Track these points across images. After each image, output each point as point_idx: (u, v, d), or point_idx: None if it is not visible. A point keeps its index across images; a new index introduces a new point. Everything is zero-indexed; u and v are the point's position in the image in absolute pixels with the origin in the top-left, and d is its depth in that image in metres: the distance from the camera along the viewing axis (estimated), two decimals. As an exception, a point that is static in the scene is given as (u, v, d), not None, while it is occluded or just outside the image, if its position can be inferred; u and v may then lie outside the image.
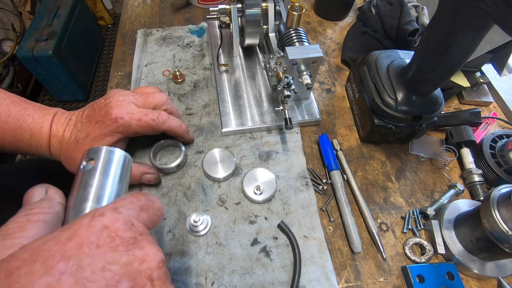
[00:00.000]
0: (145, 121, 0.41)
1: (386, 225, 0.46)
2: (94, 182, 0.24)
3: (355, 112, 0.55)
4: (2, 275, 0.17)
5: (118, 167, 0.26)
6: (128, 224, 0.21)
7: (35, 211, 0.22)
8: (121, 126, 0.39)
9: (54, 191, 0.25)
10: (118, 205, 0.22)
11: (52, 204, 0.24)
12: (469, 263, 0.41)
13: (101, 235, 0.19)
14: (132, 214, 0.22)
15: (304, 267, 0.41)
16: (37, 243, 0.19)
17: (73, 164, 0.40)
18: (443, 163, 0.51)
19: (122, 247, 0.20)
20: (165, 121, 0.43)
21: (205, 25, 0.68)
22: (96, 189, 0.24)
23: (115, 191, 0.25)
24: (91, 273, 0.18)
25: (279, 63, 0.49)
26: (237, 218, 0.44)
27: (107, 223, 0.20)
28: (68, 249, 0.18)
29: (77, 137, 0.39)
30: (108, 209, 0.21)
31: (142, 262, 0.20)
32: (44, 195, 0.24)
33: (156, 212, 0.24)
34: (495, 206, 0.37)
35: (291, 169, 0.49)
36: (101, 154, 0.25)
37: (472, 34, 0.35)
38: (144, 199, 0.24)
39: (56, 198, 0.24)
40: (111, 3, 2.03)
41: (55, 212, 0.23)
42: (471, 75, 0.60)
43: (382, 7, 0.63)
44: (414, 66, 0.43)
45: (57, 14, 1.48)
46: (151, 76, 0.59)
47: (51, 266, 0.18)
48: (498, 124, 0.57)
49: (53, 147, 0.40)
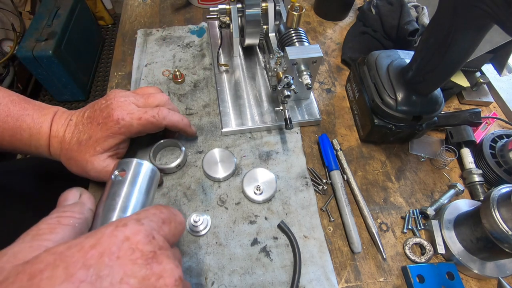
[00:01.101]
0: (145, 119, 0.41)
1: (386, 225, 0.46)
2: (122, 193, 0.26)
3: (355, 112, 0.55)
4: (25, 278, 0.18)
5: (145, 179, 0.27)
6: (149, 237, 0.21)
7: (67, 214, 0.23)
8: (123, 127, 0.39)
9: (87, 196, 0.26)
10: (141, 217, 0.22)
11: (83, 210, 0.24)
12: (469, 263, 0.41)
13: (122, 246, 0.20)
14: (154, 226, 0.22)
15: (304, 267, 0.41)
16: (62, 248, 0.19)
17: (75, 165, 0.40)
18: (443, 163, 0.51)
19: (141, 260, 0.20)
20: (165, 116, 0.42)
21: (205, 25, 0.68)
22: (124, 199, 0.25)
23: (140, 202, 0.26)
24: (109, 284, 0.18)
25: (279, 63, 0.49)
26: (237, 218, 0.44)
27: (129, 234, 0.20)
28: (89, 257, 0.19)
29: (79, 138, 0.39)
30: (131, 219, 0.21)
31: (159, 278, 0.20)
32: (78, 198, 0.25)
33: (178, 226, 0.24)
34: (495, 206, 0.37)
35: (291, 169, 0.49)
36: (131, 166, 0.27)
37: (472, 34, 0.35)
38: (167, 211, 0.24)
39: (88, 204, 0.25)
40: (111, 3, 2.03)
41: (85, 217, 0.24)
42: (471, 75, 0.60)
43: (382, 7, 0.63)
44: (414, 66, 0.43)
45: (57, 14, 1.48)
46: (151, 76, 0.59)
47: (72, 273, 0.18)
48: (498, 124, 0.57)
49: (53, 147, 0.40)
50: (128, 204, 0.25)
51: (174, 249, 0.24)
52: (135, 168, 0.27)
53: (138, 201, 0.26)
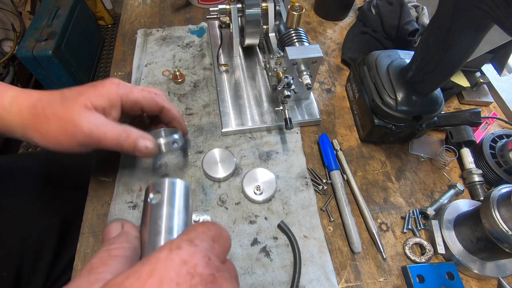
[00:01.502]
0: (148, 91, 0.38)
1: (386, 225, 0.46)
2: (163, 215, 0.25)
3: (355, 112, 0.55)
4: None
5: (181, 197, 0.27)
6: (205, 259, 0.20)
7: (115, 246, 0.23)
8: (122, 88, 0.36)
9: (130, 225, 0.26)
10: (192, 237, 0.21)
11: (130, 239, 0.24)
12: (469, 263, 0.41)
13: (181, 272, 0.19)
14: (207, 247, 0.21)
15: (304, 267, 0.41)
16: (119, 279, 0.19)
17: (54, 127, 0.33)
18: (443, 163, 0.51)
19: (201, 286, 0.19)
20: (165, 99, 0.41)
21: (205, 25, 0.68)
22: (167, 221, 0.25)
23: (183, 221, 0.26)
24: None
25: (279, 63, 0.49)
26: (237, 218, 0.44)
27: (185, 258, 0.20)
28: (149, 286, 0.18)
29: (64, 94, 0.34)
30: (183, 241, 0.21)
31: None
32: (121, 229, 0.25)
33: (226, 243, 0.23)
34: (495, 206, 0.37)
35: (291, 169, 0.49)
36: (164, 186, 0.27)
37: (472, 34, 0.35)
38: (214, 228, 0.23)
39: (133, 232, 0.25)
40: (111, 3, 2.03)
41: (134, 246, 0.24)
42: (471, 75, 0.60)
43: (382, 7, 0.63)
44: (414, 66, 0.43)
45: (57, 14, 1.48)
46: (151, 76, 0.59)
47: None
48: (498, 124, 0.57)
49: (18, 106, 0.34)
50: (172, 225, 0.25)
51: (227, 265, 0.23)
52: (169, 187, 0.27)
53: (181, 220, 0.26)
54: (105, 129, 0.34)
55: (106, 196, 0.46)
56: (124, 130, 0.36)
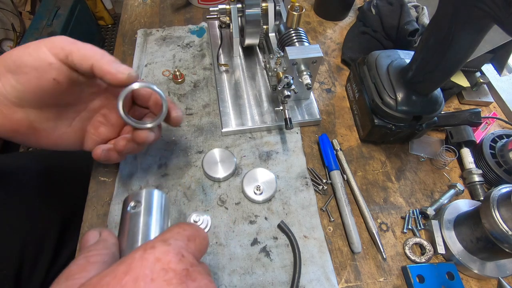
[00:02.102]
0: None
1: (386, 225, 0.46)
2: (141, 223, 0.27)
3: (355, 112, 0.55)
4: None
5: (158, 206, 0.29)
6: (179, 256, 0.21)
7: (92, 253, 0.23)
8: None
9: (108, 233, 0.26)
10: (167, 237, 0.22)
11: (108, 245, 0.25)
12: (469, 263, 0.41)
13: (155, 268, 0.20)
14: (181, 245, 0.22)
15: (304, 267, 0.41)
16: (96, 279, 0.20)
17: None
18: (443, 163, 0.51)
19: (176, 280, 0.20)
20: None
21: (205, 25, 0.68)
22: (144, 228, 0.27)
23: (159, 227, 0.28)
24: None
25: (279, 63, 0.49)
26: (237, 218, 0.44)
27: (159, 256, 0.20)
28: (124, 283, 0.19)
29: None
30: (157, 241, 0.22)
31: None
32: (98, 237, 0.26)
33: (202, 241, 0.24)
34: (495, 206, 0.37)
35: (291, 169, 0.49)
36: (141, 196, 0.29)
37: (472, 34, 0.35)
38: (190, 228, 0.24)
39: (110, 239, 0.26)
40: (111, 3, 2.02)
41: (111, 252, 0.24)
42: (471, 75, 0.60)
43: (382, 7, 0.63)
44: (414, 66, 0.43)
45: (57, 14, 1.48)
46: (151, 76, 0.59)
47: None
48: (498, 124, 0.58)
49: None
50: (149, 233, 0.27)
51: (202, 264, 0.24)
52: (147, 197, 0.29)
53: (158, 228, 0.28)
54: (76, 44, 0.32)
55: (106, 196, 0.46)
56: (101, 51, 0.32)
